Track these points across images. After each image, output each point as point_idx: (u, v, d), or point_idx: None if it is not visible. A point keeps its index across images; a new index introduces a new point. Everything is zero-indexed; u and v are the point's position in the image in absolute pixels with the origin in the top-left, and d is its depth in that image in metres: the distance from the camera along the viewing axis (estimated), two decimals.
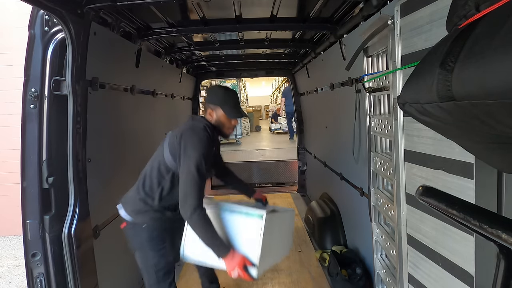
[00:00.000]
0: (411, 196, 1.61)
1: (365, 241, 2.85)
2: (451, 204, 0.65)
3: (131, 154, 2.90)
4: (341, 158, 3.58)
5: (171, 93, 4.27)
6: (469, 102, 0.59)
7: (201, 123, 1.97)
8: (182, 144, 1.85)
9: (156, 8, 2.48)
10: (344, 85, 3.10)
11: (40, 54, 1.89)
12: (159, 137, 3.81)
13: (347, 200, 3.44)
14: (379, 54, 2.19)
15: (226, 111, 2.01)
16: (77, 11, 1.87)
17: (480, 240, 1.11)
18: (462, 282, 1.23)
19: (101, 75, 2.18)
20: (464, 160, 1.17)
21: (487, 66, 0.54)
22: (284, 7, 2.68)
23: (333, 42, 3.17)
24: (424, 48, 1.36)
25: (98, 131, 2.19)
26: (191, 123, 2.00)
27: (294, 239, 3.97)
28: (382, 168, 2.11)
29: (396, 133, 1.70)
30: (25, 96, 1.88)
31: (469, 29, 0.63)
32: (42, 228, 1.89)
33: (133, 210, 2.02)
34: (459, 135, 0.80)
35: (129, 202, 2.06)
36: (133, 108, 2.93)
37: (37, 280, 1.92)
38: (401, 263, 1.75)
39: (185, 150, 1.84)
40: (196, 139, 1.86)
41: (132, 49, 2.82)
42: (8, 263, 4.30)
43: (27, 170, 1.89)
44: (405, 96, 0.78)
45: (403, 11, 1.54)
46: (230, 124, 2.06)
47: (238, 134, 11.55)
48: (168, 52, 3.85)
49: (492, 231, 0.55)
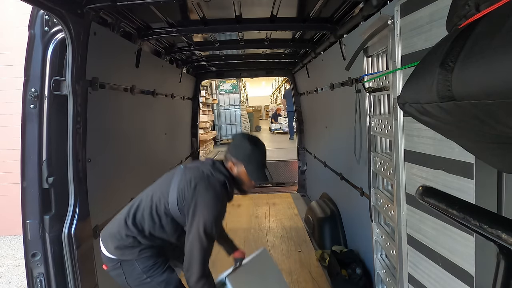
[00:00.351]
0: (411, 196, 1.61)
1: (365, 241, 2.84)
2: (451, 204, 0.65)
3: (131, 154, 2.90)
4: (341, 158, 3.58)
5: (171, 93, 4.27)
6: (469, 102, 0.59)
7: (221, 175, 1.77)
8: (195, 198, 1.66)
9: (156, 8, 2.48)
10: (344, 85, 3.10)
11: (40, 54, 1.89)
12: (159, 137, 3.84)
13: (347, 200, 3.44)
14: (379, 54, 2.19)
15: (250, 171, 1.81)
16: (77, 11, 1.87)
17: (480, 240, 1.11)
18: (462, 282, 1.23)
19: (101, 75, 2.18)
20: (464, 160, 1.17)
21: (487, 66, 0.54)
22: (284, 7, 2.68)
23: (333, 42, 3.17)
24: (424, 48, 1.36)
25: (98, 131, 2.19)
26: (209, 171, 1.77)
27: (294, 239, 3.99)
28: (382, 168, 2.11)
29: (396, 133, 1.70)
30: (25, 96, 1.88)
31: (469, 29, 0.63)
32: (42, 228, 1.89)
33: (118, 247, 1.75)
34: (459, 135, 0.80)
35: (113, 238, 1.77)
36: (133, 108, 2.93)
37: (37, 280, 1.92)
38: (401, 263, 1.75)
39: (196, 206, 1.66)
40: (212, 197, 1.67)
41: (132, 49, 2.82)
42: (8, 263, 4.30)
43: (27, 170, 1.89)
44: (405, 96, 0.78)
45: (403, 11, 1.54)
46: (251, 183, 1.86)
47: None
48: (168, 52, 3.85)
49: (492, 231, 0.55)
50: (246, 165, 1.80)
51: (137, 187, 3.00)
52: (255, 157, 1.82)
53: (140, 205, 1.79)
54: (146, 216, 1.75)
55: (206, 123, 9.53)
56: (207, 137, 9.05)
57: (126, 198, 2.71)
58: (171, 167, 4.18)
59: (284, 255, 3.65)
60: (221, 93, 11.71)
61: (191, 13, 2.78)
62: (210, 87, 11.05)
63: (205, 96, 9.95)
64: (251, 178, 1.83)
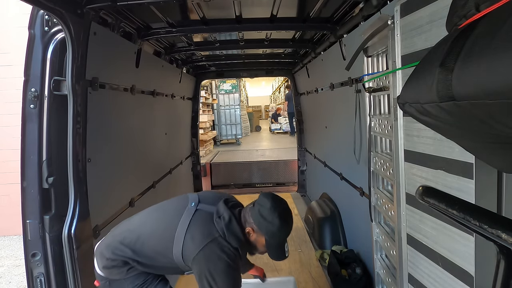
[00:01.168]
0: (411, 196, 1.61)
1: (365, 241, 2.84)
2: (451, 204, 0.65)
3: (131, 154, 2.90)
4: (341, 158, 3.58)
5: (171, 93, 4.27)
6: (469, 102, 0.59)
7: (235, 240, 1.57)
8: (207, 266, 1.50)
9: (156, 8, 2.48)
10: (344, 85, 3.10)
11: (40, 54, 1.89)
12: (159, 137, 3.84)
13: (347, 200, 3.44)
14: (379, 54, 2.19)
15: (270, 247, 1.65)
16: (77, 11, 1.87)
17: (480, 240, 1.11)
18: (462, 282, 1.23)
19: (101, 75, 2.18)
20: (464, 160, 1.17)
21: (487, 66, 0.54)
22: (284, 7, 2.68)
23: (333, 42, 3.17)
24: (424, 48, 1.36)
25: (98, 131, 2.19)
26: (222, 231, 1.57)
27: (294, 239, 3.98)
28: (382, 168, 2.11)
29: (396, 133, 1.70)
30: (25, 96, 1.88)
31: (469, 29, 0.63)
32: (42, 228, 1.89)
33: (105, 266, 1.68)
34: (459, 135, 0.80)
35: (102, 257, 1.69)
36: (133, 108, 2.93)
37: (37, 280, 1.92)
38: (401, 263, 1.75)
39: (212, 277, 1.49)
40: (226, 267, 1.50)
41: (132, 49, 2.82)
42: (8, 263, 4.30)
43: (27, 170, 1.89)
44: (405, 96, 0.78)
45: (403, 11, 1.54)
46: (264, 251, 1.70)
47: (238, 134, 11.56)
48: (168, 52, 3.85)
49: (492, 231, 0.56)
50: (268, 241, 1.62)
51: (137, 187, 3.01)
52: (280, 235, 1.62)
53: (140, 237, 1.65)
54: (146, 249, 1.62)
55: (206, 123, 9.53)
56: (207, 137, 9.04)
57: (126, 198, 2.71)
58: (171, 167, 4.22)
59: None
60: (221, 93, 11.70)
61: (191, 13, 2.78)
62: (210, 87, 11.05)
63: (205, 96, 9.95)
64: (269, 255, 1.68)
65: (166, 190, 3.97)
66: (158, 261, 1.64)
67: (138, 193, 2.97)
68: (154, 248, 1.62)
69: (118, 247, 1.64)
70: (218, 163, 6.99)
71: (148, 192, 3.26)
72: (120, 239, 1.67)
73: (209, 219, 1.59)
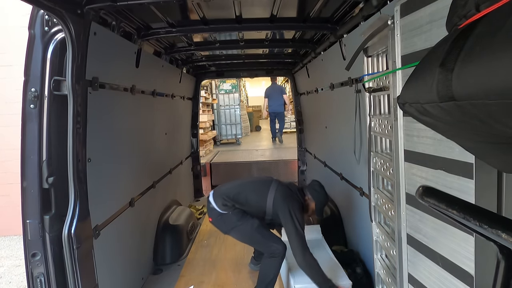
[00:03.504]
0: (411, 196, 1.61)
1: (365, 241, 2.85)
2: (451, 204, 0.65)
3: (131, 154, 2.90)
4: (341, 158, 3.59)
5: (171, 93, 4.27)
6: (469, 102, 0.59)
7: (300, 197, 2.77)
8: (288, 206, 2.61)
9: (156, 8, 2.48)
10: (344, 85, 3.10)
11: (40, 54, 1.89)
12: (159, 137, 3.84)
13: (347, 200, 3.44)
14: (379, 54, 2.19)
15: (317, 208, 2.78)
16: (77, 11, 1.87)
17: (480, 240, 1.11)
18: (462, 282, 1.23)
19: (101, 75, 2.18)
20: (464, 160, 1.17)
21: (487, 66, 0.54)
22: (284, 7, 2.68)
23: (333, 42, 3.17)
24: (424, 48, 1.36)
25: (98, 131, 2.19)
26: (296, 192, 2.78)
27: None
28: (382, 168, 2.11)
29: (396, 133, 1.70)
30: (25, 96, 1.88)
31: (469, 29, 0.63)
32: (42, 228, 1.89)
33: (223, 204, 2.75)
34: (459, 135, 0.80)
35: (220, 199, 2.77)
36: (133, 108, 2.93)
37: (37, 280, 1.92)
38: (401, 263, 1.75)
39: (291, 210, 2.59)
40: (298, 206, 2.67)
41: (132, 49, 2.82)
42: (8, 263, 4.30)
43: (27, 170, 1.89)
44: (405, 96, 0.78)
45: (403, 11, 1.54)
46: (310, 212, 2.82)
47: (238, 134, 11.55)
48: (168, 52, 3.85)
49: (492, 231, 0.56)
50: (316, 204, 2.77)
51: (137, 187, 3.01)
52: (323, 201, 2.82)
53: (242, 192, 2.81)
54: (243, 199, 2.76)
55: (206, 123, 9.52)
56: (207, 137, 9.04)
57: (126, 198, 2.72)
58: (171, 167, 4.22)
59: None
60: (221, 93, 11.69)
61: (191, 13, 2.78)
62: (210, 87, 11.03)
63: (205, 96, 9.94)
64: (315, 212, 2.80)
65: (166, 190, 3.97)
66: (251, 207, 2.78)
67: (138, 193, 2.98)
68: (251, 199, 2.78)
69: (225, 198, 2.76)
70: (218, 163, 6.99)
71: (148, 192, 3.26)
72: (227, 193, 2.81)
73: (287, 190, 2.77)
